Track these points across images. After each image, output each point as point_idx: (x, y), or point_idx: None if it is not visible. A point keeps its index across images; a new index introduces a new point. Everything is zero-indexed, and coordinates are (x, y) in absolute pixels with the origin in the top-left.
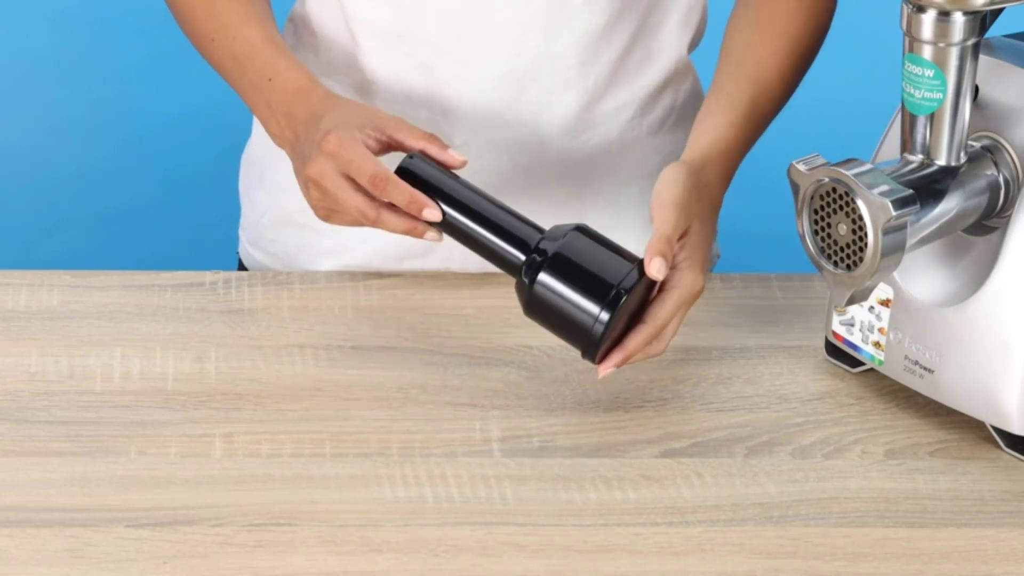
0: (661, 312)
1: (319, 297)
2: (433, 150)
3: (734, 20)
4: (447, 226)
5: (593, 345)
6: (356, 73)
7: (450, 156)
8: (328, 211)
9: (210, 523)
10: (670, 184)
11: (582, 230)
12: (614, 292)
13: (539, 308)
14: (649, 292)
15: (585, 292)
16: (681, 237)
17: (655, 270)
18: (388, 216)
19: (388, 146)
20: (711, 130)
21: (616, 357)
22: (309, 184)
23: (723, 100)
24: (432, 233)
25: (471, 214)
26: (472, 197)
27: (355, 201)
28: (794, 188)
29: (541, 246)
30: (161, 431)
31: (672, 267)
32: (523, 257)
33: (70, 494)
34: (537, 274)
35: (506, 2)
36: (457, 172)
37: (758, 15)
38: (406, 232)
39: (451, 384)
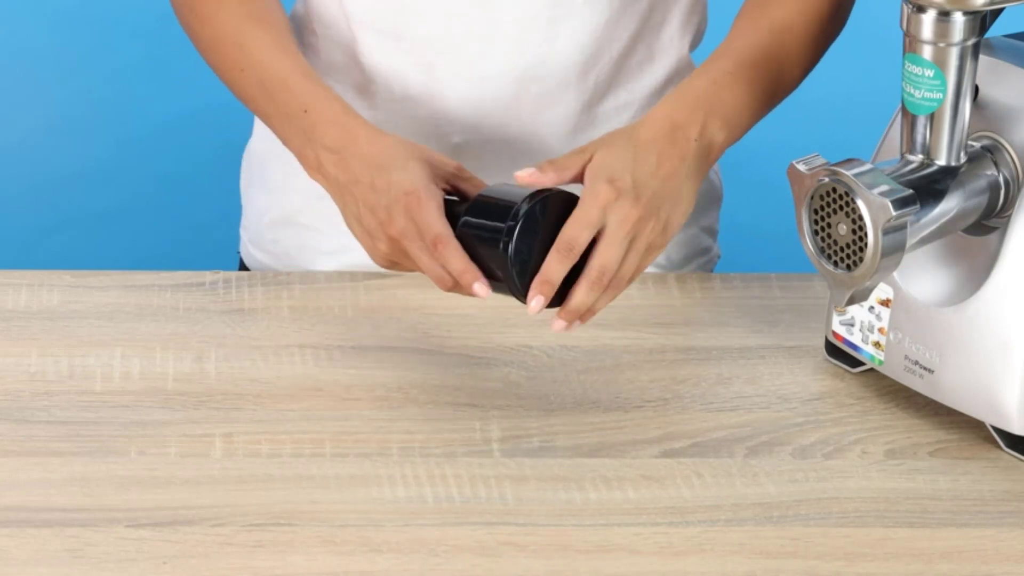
0: (568, 227)
1: (319, 297)
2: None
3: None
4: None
5: (512, 280)
6: (356, 72)
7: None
8: (393, 263)
9: (210, 523)
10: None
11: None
12: (508, 223)
13: (486, 273)
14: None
15: (490, 236)
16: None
17: (522, 172)
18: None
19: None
20: (680, 86)
21: (535, 286)
22: (383, 239)
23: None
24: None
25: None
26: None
27: (434, 270)
28: (794, 188)
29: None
30: (161, 431)
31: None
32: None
33: (70, 494)
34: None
35: (506, 1)
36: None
37: None
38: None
39: (451, 384)
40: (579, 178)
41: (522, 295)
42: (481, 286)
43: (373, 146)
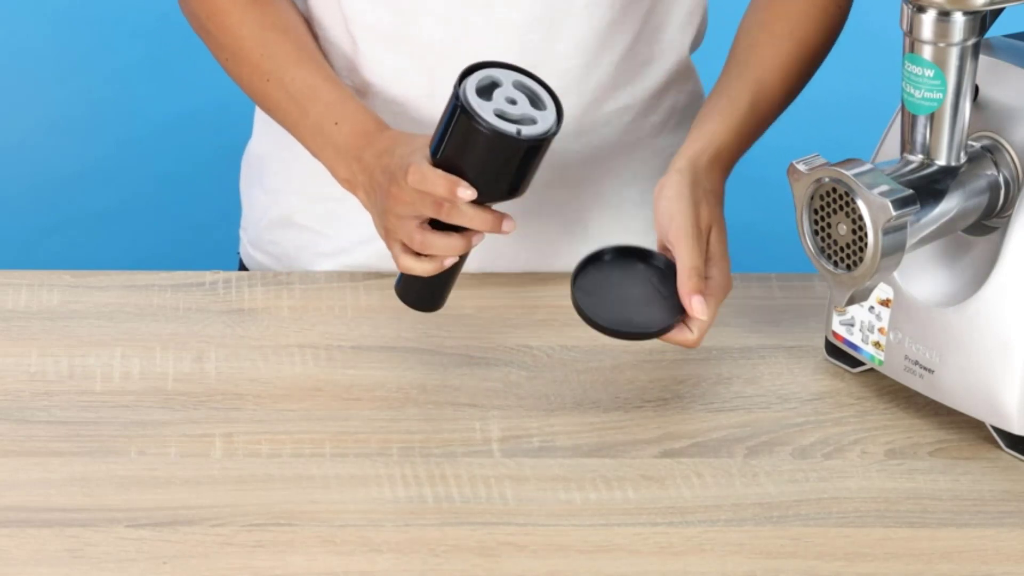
0: (686, 263)
1: (319, 297)
2: None
3: (744, 20)
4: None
5: (489, 133)
6: (356, 75)
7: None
8: (400, 246)
9: (210, 523)
10: (679, 209)
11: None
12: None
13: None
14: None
15: (446, 128)
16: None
17: (697, 311)
18: (433, 237)
19: None
20: (708, 135)
21: (687, 299)
22: (391, 211)
23: (723, 102)
24: (508, 224)
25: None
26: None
27: (419, 237)
28: (794, 188)
29: None
30: (161, 431)
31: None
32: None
33: (70, 494)
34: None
35: (506, 4)
36: None
37: (766, 16)
38: (461, 250)
39: (451, 384)
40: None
41: (504, 137)
42: (464, 189)
43: (386, 139)
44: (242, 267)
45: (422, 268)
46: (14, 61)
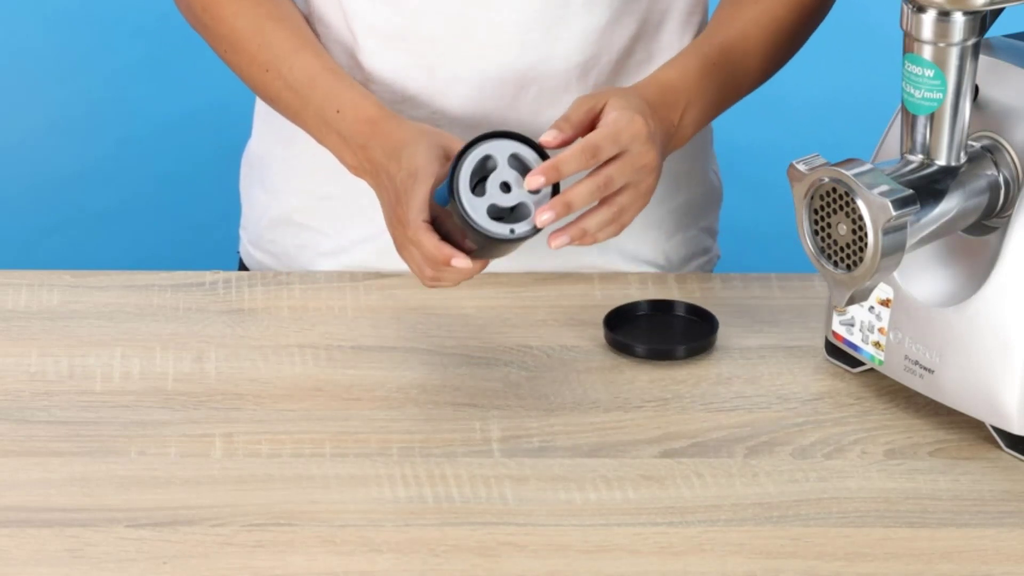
0: (600, 134)
1: (319, 297)
2: None
3: None
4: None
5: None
6: (356, 73)
7: None
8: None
9: (210, 523)
10: None
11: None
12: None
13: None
14: None
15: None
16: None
17: (546, 137)
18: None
19: None
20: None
21: (558, 202)
22: (396, 223)
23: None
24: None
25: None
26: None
27: (414, 260)
28: (794, 188)
29: None
30: (161, 431)
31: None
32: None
33: (70, 494)
34: None
35: (506, 2)
36: None
37: None
38: (474, 274)
39: (451, 384)
40: (591, 127)
41: (484, 234)
42: (459, 260)
43: (394, 134)
44: (242, 267)
45: (443, 285)
46: (14, 61)
